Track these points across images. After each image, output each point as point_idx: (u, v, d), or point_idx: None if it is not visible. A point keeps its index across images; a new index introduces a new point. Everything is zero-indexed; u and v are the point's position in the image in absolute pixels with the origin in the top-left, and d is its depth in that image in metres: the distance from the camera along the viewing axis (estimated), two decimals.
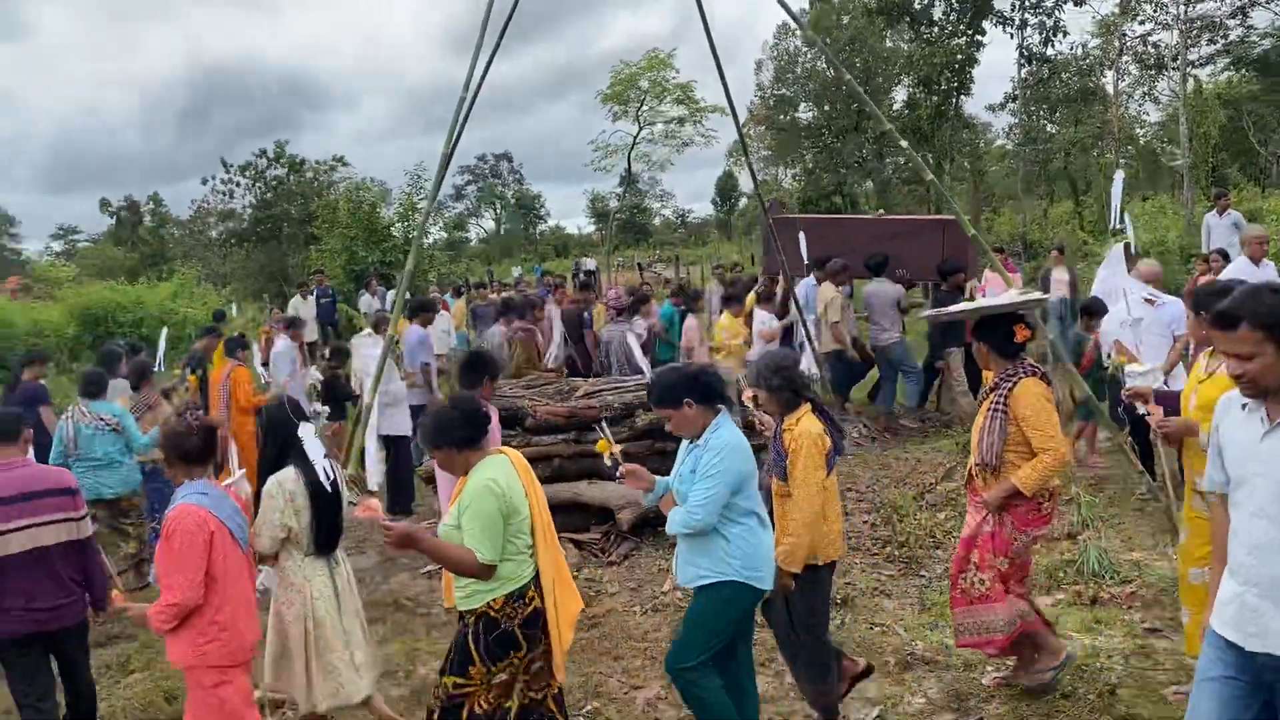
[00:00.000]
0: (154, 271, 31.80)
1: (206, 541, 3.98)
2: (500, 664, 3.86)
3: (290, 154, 38.34)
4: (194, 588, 3.93)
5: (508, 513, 3.84)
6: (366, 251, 22.19)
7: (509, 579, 3.87)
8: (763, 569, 4.12)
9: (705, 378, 4.23)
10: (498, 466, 3.93)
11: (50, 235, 67.61)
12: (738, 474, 4.05)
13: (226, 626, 4.05)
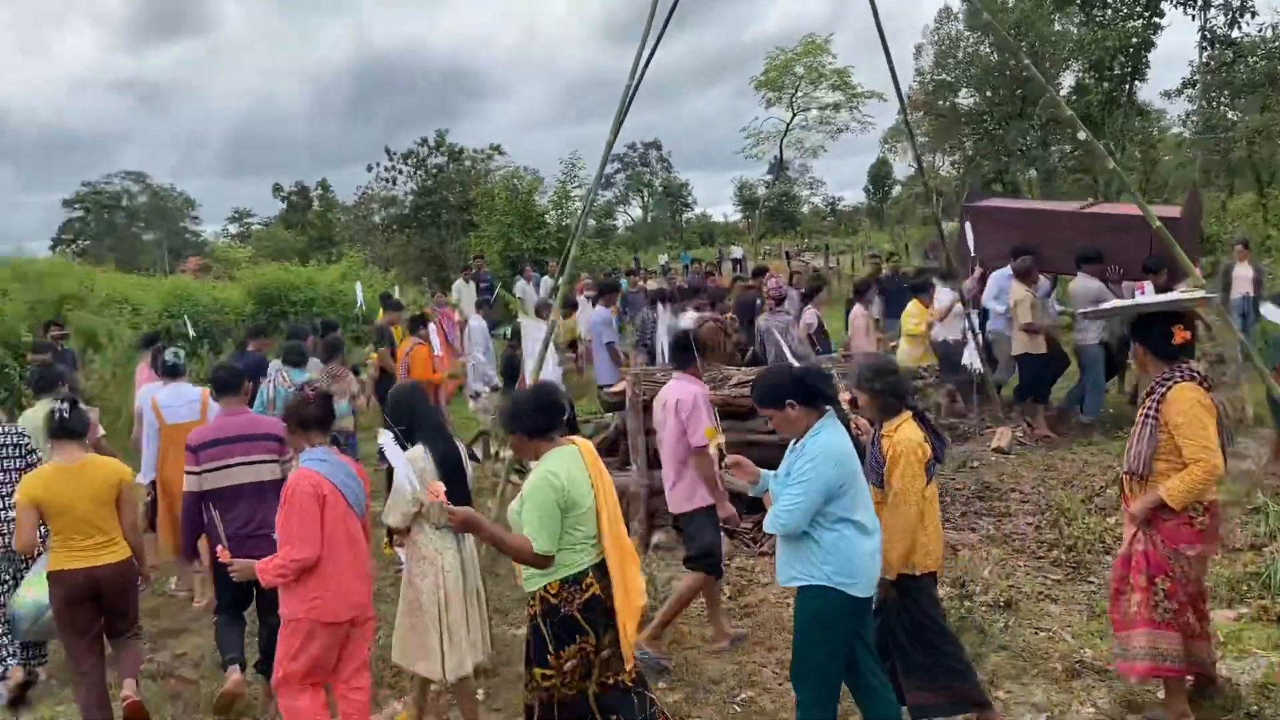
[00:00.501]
0: (322, 254, 33.32)
1: (320, 504, 4.28)
2: (568, 649, 3.89)
3: (449, 142, 39.58)
4: (311, 546, 4.24)
5: (566, 505, 3.86)
6: (522, 238, 22.73)
7: (564, 565, 3.91)
8: (858, 576, 4.00)
9: (809, 379, 4.15)
10: (562, 458, 3.96)
11: (227, 218, 71.80)
12: (829, 481, 3.94)
13: (332, 586, 4.32)
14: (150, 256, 59.49)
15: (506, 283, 21.20)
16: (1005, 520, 7.55)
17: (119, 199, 66.85)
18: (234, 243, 49.07)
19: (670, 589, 6.51)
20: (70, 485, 4.94)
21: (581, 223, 8.57)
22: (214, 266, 27.66)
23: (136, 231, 67.74)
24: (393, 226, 39.23)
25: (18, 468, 5.85)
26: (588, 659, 3.94)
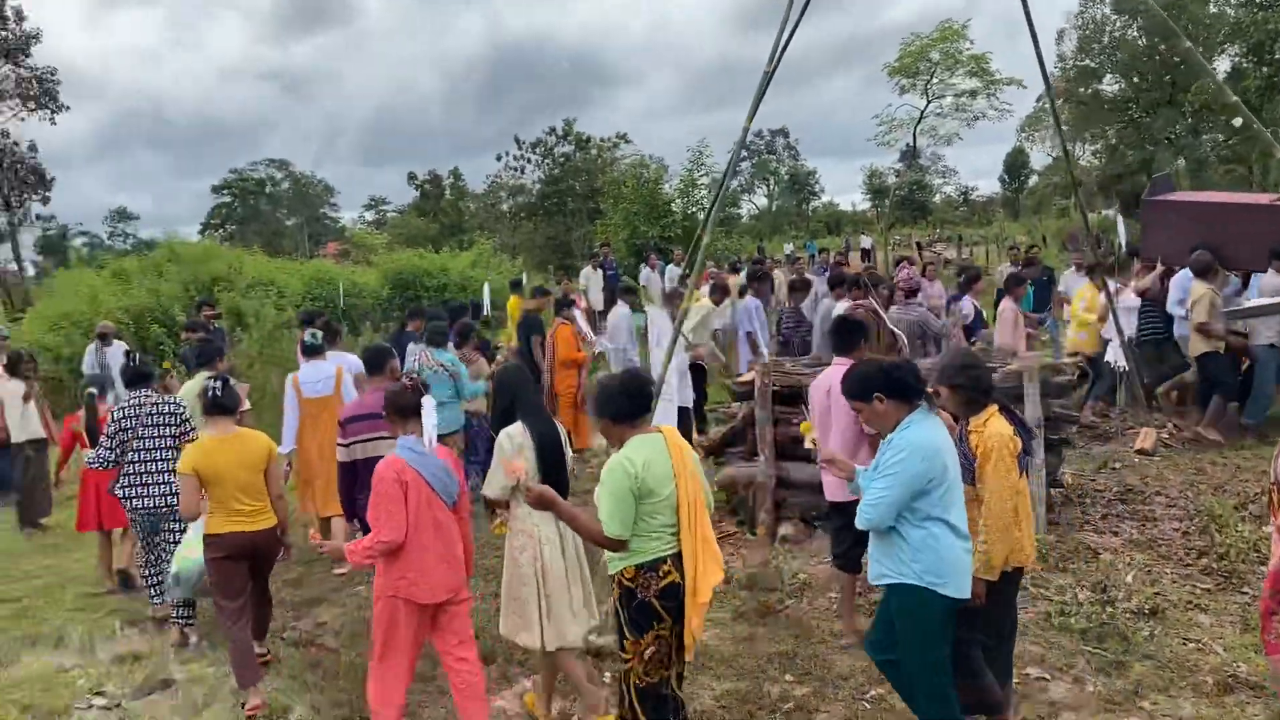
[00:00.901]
0: (453, 241, 34.16)
1: (402, 489, 4.41)
2: (646, 635, 3.93)
3: (577, 131, 40.06)
4: (395, 530, 4.37)
5: (641, 492, 3.86)
6: (647, 226, 22.84)
7: (640, 552, 3.91)
8: (949, 576, 3.92)
9: (898, 373, 4.08)
10: (642, 446, 3.95)
11: (363, 205, 74.32)
12: (916, 475, 3.87)
13: (415, 568, 4.44)
14: (292, 241, 62.09)
15: (631, 270, 21.34)
16: (1150, 525, 7.22)
17: (263, 185, 69.92)
18: (370, 229, 50.72)
19: (798, 581, 6.50)
20: (225, 456, 5.28)
21: (714, 210, 8.56)
22: (352, 251, 28.65)
23: (279, 217, 70.68)
24: (520, 214, 39.97)
25: (174, 434, 6.36)
26: (667, 646, 3.97)
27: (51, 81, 34.99)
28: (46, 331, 16.11)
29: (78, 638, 6.51)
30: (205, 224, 67.28)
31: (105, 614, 6.93)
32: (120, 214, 75.90)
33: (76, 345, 15.30)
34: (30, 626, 6.75)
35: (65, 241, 62.61)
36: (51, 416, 9.86)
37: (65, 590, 7.49)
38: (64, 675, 5.89)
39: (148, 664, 6.04)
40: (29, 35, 34.29)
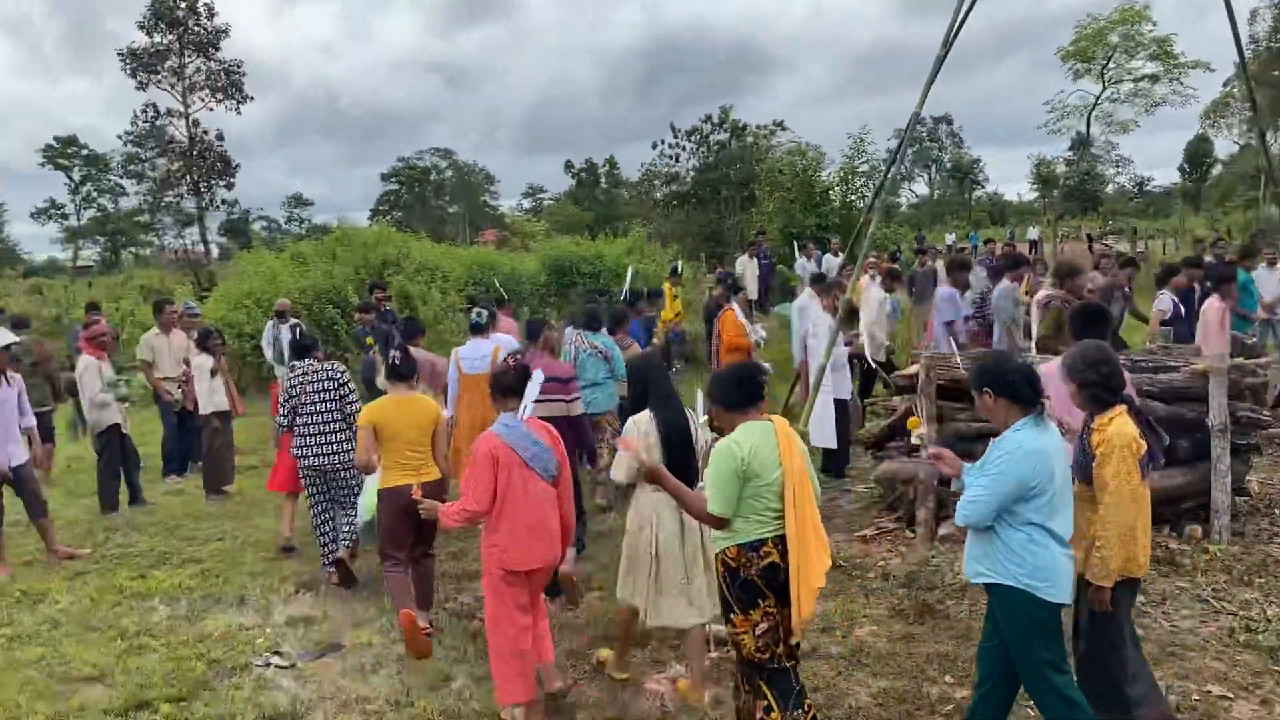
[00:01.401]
0: (607, 228, 34.54)
1: (493, 464, 4.76)
2: (754, 610, 4.07)
3: (733, 119, 39.82)
4: (482, 500, 4.78)
5: (747, 475, 4.01)
6: (804, 215, 22.53)
7: (742, 532, 4.07)
8: (1050, 580, 3.87)
9: (1012, 373, 4.00)
10: (750, 431, 4.09)
11: (521, 193, 76.24)
12: (1019, 480, 3.84)
13: (506, 536, 4.82)
14: (453, 227, 64.15)
15: (786, 259, 21.10)
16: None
17: (428, 173, 72.52)
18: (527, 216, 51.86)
19: (959, 581, 6.29)
20: (400, 415, 5.94)
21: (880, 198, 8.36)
22: (512, 239, 29.37)
23: (442, 204, 73.15)
24: (673, 202, 40.04)
25: (336, 399, 7.09)
26: (775, 623, 4.08)
27: (238, 74, 37.17)
28: (231, 309, 17.11)
29: (256, 599, 6.91)
30: (374, 210, 70.32)
31: (280, 579, 7.29)
32: (296, 199, 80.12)
33: (258, 322, 16.21)
34: (213, 587, 7.18)
35: (246, 225, 66.50)
36: (237, 389, 10.46)
37: (245, 554, 7.93)
38: (244, 633, 6.24)
39: (319, 628, 6.35)
40: (219, 30, 36.51)
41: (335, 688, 5.45)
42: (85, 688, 5.51)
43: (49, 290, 30.15)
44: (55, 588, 7.25)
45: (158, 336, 10.62)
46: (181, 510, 9.48)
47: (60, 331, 18.91)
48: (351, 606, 6.72)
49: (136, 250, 63.80)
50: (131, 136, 38.85)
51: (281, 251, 21.43)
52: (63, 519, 8.90)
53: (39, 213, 65.05)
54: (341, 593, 6.99)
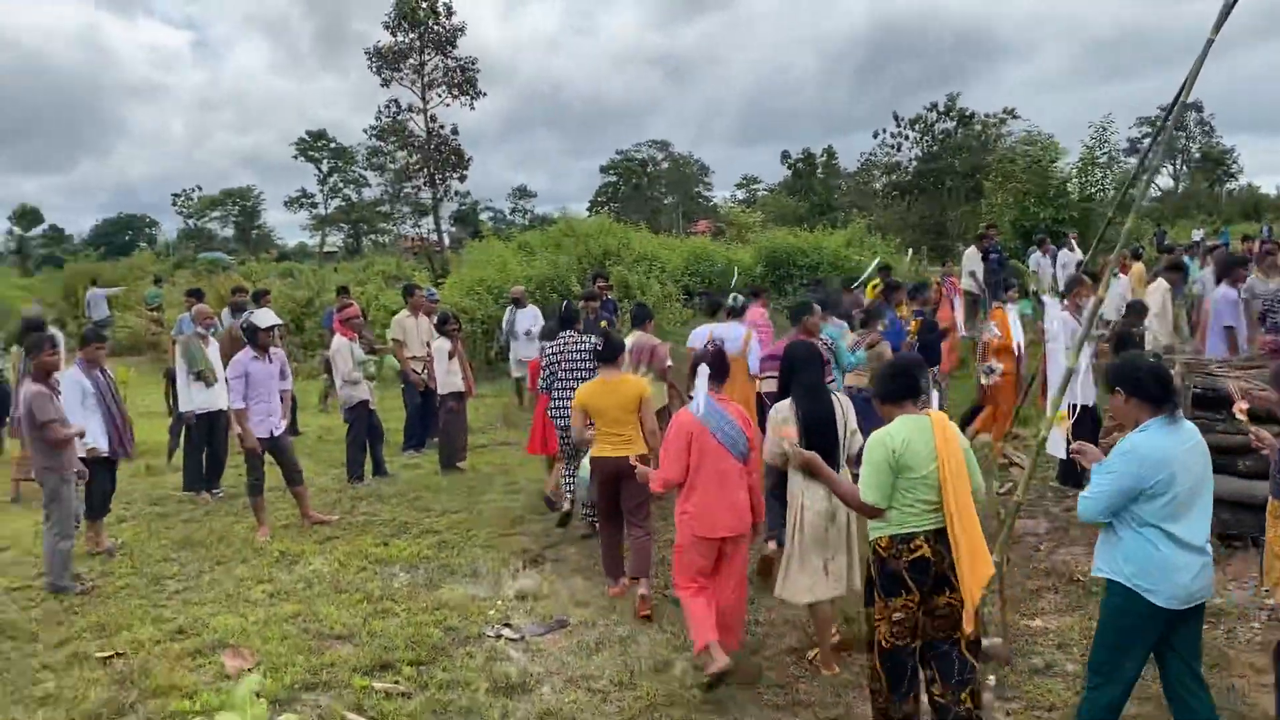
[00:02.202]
0: (823, 219, 34.01)
1: (687, 439, 5.26)
2: (895, 600, 4.17)
3: (960, 107, 38.34)
4: (673, 471, 5.32)
5: (898, 467, 4.13)
6: (1038, 208, 21.38)
7: (894, 524, 4.18)
8: (1160, 584, 3.84)
9: (1147, 374, 3.98)
10: (905, 424, 4.22)
11: (735, 184, 76.16)
12: (1136, 479, 3.84)
13: (696, 505, 5.28)
14: (668, 218, 64.92)
15: (1019, 254, 20.11)
16: None
17: (645, 165, 73.66)
18: (741, 207, 51.82)
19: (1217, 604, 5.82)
20: (607, 395, 6.52)
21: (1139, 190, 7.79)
22: (726, 230, 29.41)
23: (657, 195, 74.16)
24: (893, 193, 38.97)
25: (588, 368, 7.63)
26: (913, 618, 4.17)
27: (473, 70, 38.87)
28: (464, 295, 17.98)
29: (488, 572, 7.23)
30: (593, 201, 72.09)
31: (510, 553, 7.61)
32: (520, 191, 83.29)
33: (489, 308, 16.98)
34: (448, 558, 7.57)
35: (475, 215, 69.74)
36: (470, 371, 10.98)
37: (477, 529, 8.31)
38: (477, 604, 6.54)
39: (545, 603, 6.57)
40: (456, 29, 38.29)
41: (561, 663, 5.63)
42: (336, 645, 5.93)
43: (300, 274, 32.56)
44: (308, 550, 7.85)
45: (408, 318, 11.29)
46: (419, 483, 10.06)
47: (311, 313, 20.39)
48: (575, 584, 6.93)
49: (376, 238, 68.17)
50: (375, 131, 41.30)
51: (509, 241, 22.31)
52: (315, 486, 9.61)
53: (291, 201, 70.63)
54: (565, 570, 7.22)
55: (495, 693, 5.24)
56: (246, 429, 8.25)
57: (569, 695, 5.21)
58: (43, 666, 5.74)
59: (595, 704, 5.11)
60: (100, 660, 5.76)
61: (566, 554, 7.63)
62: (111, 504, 8.38)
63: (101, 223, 76.61)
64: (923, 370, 4.65)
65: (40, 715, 5.10)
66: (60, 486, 7.05)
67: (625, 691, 5.24)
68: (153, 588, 7.10)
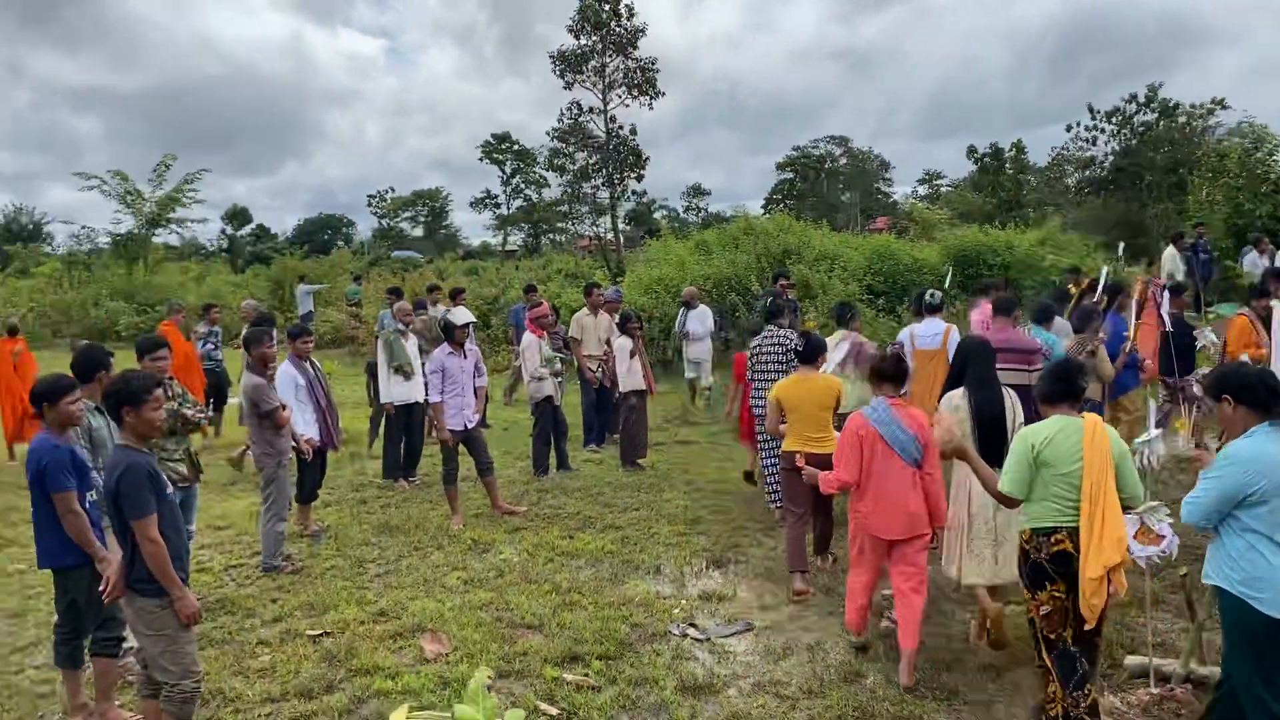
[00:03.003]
0: (1010, 217, 32.60)
1: (858, 441, 5.44)
2: (1040, 593, 4.39)
3: (1162, 97, 36.04)
4: (847, 472, 5.50)
5: (1038, 462, 4.37)
6: (1254, 204, 19.82)
7: (1037, 517, 4.41)
8: (1267, 591, 3.84)
9: (1254, 380, 4.00)
10: (1054, 423, 4.44)
11: (917, 180, 74.04)
12: (1236, 484, 3.88)
13: (869, 506, 5.48)
14: (845, 215, 63.78)
15: (1231, 254, 18.70)
16: None
17: (822, 161, 72.56)
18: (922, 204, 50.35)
19: None
20: (799, 391, 6.79)
21: None
22: (910, 227, 28.59)
23: (835, 192, 72.95)
24: (1086, 189, 37.05)
25: (782, 361, 8.06)
26: (1063, 608, 4.35)
27: (652, 71, 39.19)
28: (642, 294, 18.17)
29: (671, 570, 7.27)
30: (768, 198, 71.54)
31: (692, 553, 7.63)
32: (695, 189, 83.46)
33: (666, 307, 17.09)
34: (631, 554, 7.65)
35: (649, 214, 70.44)
36: (650, 368, 11.07)
37: (659, 526, 8.37)
38: (661, 602, 6.58)
39: (729, 605, 6.55)
40: (637, 30, 38.72)
41: (747, 666, 5.60)
42: (527, 634, 6.09)
43: (484, 271, 33.72)
44: (499, 539, 8.10)
45: (586, 316, 11.51)
46: (601, 479, 10.23)
47: (498, 310, 21.04)
48: (759, 587, 6.88)
49: (554, 237, 69.84)
50: (556, 133, 42.27)
51: (687, 239, 22.37)
52: (503, 478, 9.91)
53: (476, 202, 73.10)
54: (748, 572, 7.18)
55: (683, 692, 5.25)
56: (441, 421, 8.59)
57: (757, 700, 5.17)
58: (259, 641, 6.13)
59: (784, 711, 5.06)
60: (310, 638, 6.11)
61: (749, 555, 7.59)
62: (319, 490, 8.89)
63: (303, 222, 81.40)
64: (1083, 374, 4.71)
65: (258, 686, 5.44)
66: (277, 471, 7.53)
67: (815, 700, 5.16)
68: (355, 570, 7.48)
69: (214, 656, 5.81)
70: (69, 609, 5.14)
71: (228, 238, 71.77)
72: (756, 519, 8.52)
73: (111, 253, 36.49)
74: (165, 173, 34.36)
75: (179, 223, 35.79)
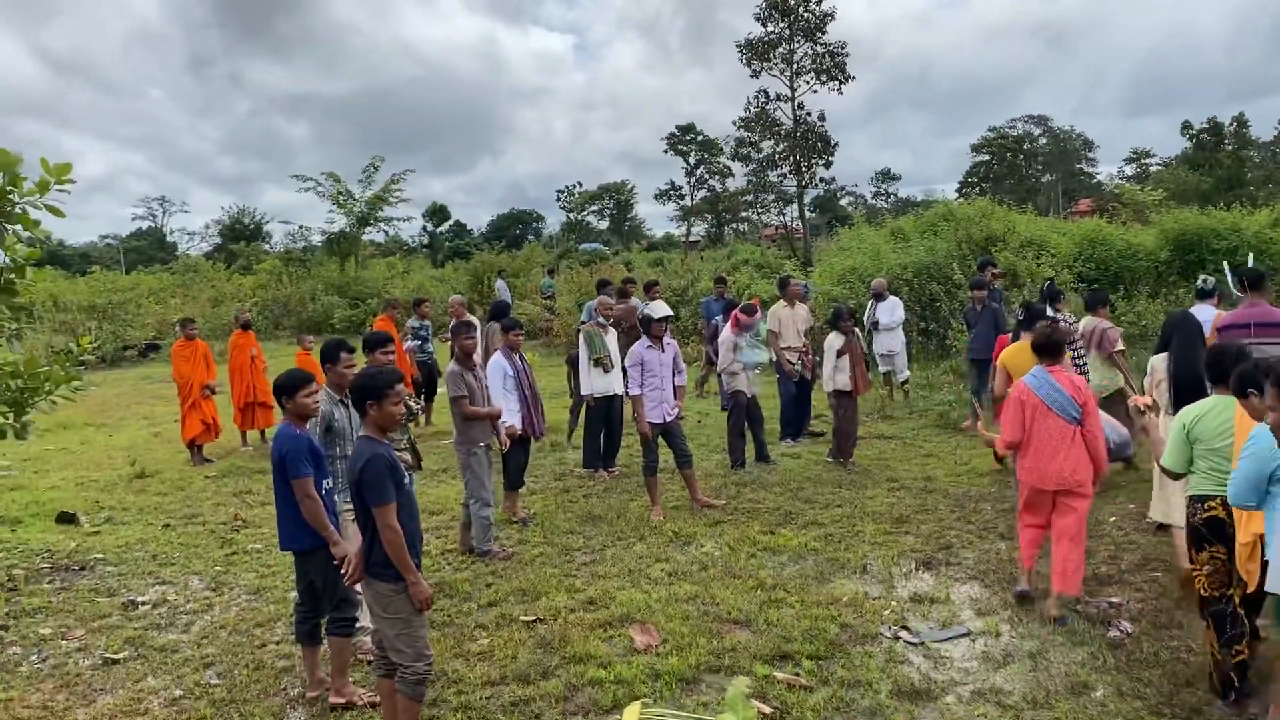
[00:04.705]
0: (1232, 197, 30.17)
1: (1020, 407, 6.12)
2: (1201, 554, 4.86)
3: None
4: (1010, 433, 6.19)
5: (1190, 438, 4.87)
6: None
7: (1193, 486, 4.91)
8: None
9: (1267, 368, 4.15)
10: (1208, 403, 4.93)
11: (1123, 159, 69.68)
12: (1261, 464, 4.11)
13: (1030, 462, 6.13)
14: (1045, 198, 60.75)
15: None
16: None
17: (1020, 142, 69.32)
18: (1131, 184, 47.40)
19: None
20: (1025, 358, 6.86)
21: None
22: (1120, 209, 26.89)
23: (1034, 173, 69.62)
24: None
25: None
26: (1224, 569, 4.74)
27: (841, 55, 38.48)
28: (835, 284, 17.84)
29: (878, 570, 7.09)
30: (962, 182, 69.07)
31: (899, 553, 7.42)
32: (884, 174, 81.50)
33: (861, 297, 16.72)
34: (835, 552, 7.51)
35: (835, 201, 69.24)
36: (865, 366, 10.75)
37: (863, 524, 8.19)
38: (871, 602, 6.43)
39: (942, 608, 6.33)
40: (826, 15, 38.09)
41: (965, 673, 5.39)
42: (734, 630, 6.06)
43: (669, 263, 33.98)
44: (699, 532, 8.12)
45: (783, 308, 11.38)
46: (800, 473, 10.11)
47: (686, 301, 21.13)
48: (972, 590, 6.63)
49: (737, 226, 69.68)
50: (742, 122, 42.11)
51: (881, 227, 21.82)
52: (700, 471, 9.92)
53: (660, 194, 73.79)
54: (960, 574, 6.94)
55: (899, 696, 5.11)
56: (642, 414, 8.69)
57: (977, 708, 4.97)
58: (477, 625, 6.37)
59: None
60: (525, 624, 6.30)
61: (961, 557, 7.31)
62: (525, 478, 9.17)
63: (496, 218, 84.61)
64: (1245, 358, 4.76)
65: (479, 670, 5.65)
66: (468, 458, 7.81)
67: (1040, 711, 4.91)
68: (563, 558, 7.67)
69: (436, 639, 6.06)
70: (307, 589, 5.48)
71: (428, 234, 75.28)
72: (968, 519, 8.21)
73: (324, 250, 38.90)
74: (374, 173, 36.38)
75: (387, 221, 37.78)
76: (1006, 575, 6.77)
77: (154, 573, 7.93)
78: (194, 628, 6.68)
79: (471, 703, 5.24)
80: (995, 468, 9.72)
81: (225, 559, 8.19)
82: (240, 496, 10.17)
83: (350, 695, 5.37)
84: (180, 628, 6.70)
